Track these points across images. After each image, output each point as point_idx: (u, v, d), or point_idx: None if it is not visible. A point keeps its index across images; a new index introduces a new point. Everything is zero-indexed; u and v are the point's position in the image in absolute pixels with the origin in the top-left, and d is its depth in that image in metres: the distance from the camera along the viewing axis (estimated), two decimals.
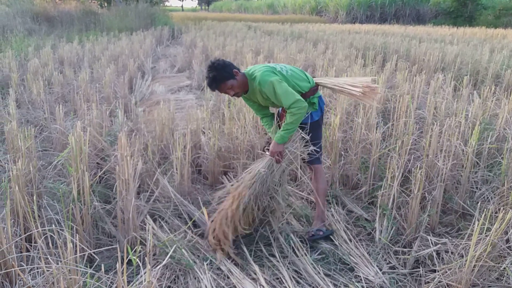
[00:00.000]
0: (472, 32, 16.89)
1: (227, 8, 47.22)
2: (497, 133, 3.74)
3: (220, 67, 2.59)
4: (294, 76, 2.73)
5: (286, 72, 2.70)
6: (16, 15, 13.71)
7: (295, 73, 2.76)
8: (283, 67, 2.75)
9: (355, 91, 2.72)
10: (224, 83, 2.60)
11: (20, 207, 2.37)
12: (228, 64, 2.64)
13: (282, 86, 2.54)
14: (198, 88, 7.31)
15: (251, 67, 2.75)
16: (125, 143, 2.62)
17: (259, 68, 2.69)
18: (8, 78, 6.07)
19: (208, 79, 2.62)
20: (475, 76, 7.27)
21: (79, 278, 1.83)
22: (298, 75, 2.77)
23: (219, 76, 2.58)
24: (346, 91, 2.81)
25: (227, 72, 2.59)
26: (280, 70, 2.69)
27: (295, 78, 2.72)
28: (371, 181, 3.37)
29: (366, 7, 31.10)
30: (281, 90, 2.52)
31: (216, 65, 2.60)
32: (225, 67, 2.60)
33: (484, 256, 2.20)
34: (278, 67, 2.72)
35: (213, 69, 2.59)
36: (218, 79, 2.59)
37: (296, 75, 2.76)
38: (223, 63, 2.62)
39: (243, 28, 18.20)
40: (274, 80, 2.54)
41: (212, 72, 2.58)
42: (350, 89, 2.76)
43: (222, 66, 2.59)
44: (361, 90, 2.70)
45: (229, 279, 2.41)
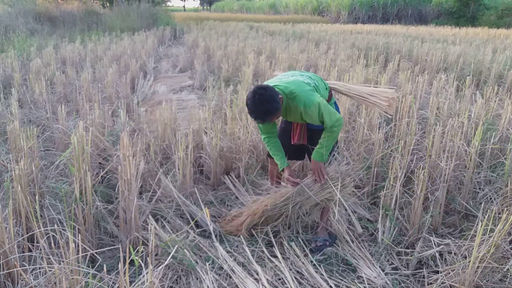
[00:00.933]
0: (475, 32, 16.85)
1: (229, 8, 47.26)
2: (500, 133, 3.72)
3: (271, 98, 2.34)
4: (319, 86, 2.65)
5: (315, 84, 2.60)
6: (18, 15, 13.73)
7: (319, 83, 2.68)
8: (310, 79, 2.62)
9: (381, 105, 2.73)
10: (277, 113, 2.42)
11: (22, 207, 2.37)
12: (275, 91, 2.39)
13: (326, 106, 2.45)
14: (200, 88, 7.31)
15: (283, 82, 2.53)
16: (127, 143, 2.62)
17: (295, 84, 2.50)
18: (11, 78, 6.08)
19: (256, 112, 2.36)
20: (477, 77, 7.25)
21: (81, 278, 1.83)
22: (321, 85, 2.70)
23: (273, 109, 2.35)
24: (368, 101, 2.78)
25: (277, 102, 2.36)
26: (314, 85, 2.58)
27: (320, 88, 2.65)
28: (373, 181, 3.36)
29: (368, 7, 31.06)
30: (326, 111, 2.43)
31: (267, 97, 2.33)
32: (274, 97, 2.34)
33: (488, 257, 2.19)
34: (312, 82, 2.58)
35: (264, 102, 2.34)
36: (272, 112, 2.36)
37: (320, 84, 2.68)
38: (272, 93, 2.36)
39: (245, 28, 18.20)
40: (320, 102, 2.43)
41: (263, 106, 2.33)
42: (375, 102, 2.76)
43: (272, 97, 2.33)
44: (387, 103, 2.70)
45: (231, 279, 2.41)
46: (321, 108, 2.44)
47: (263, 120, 2.41)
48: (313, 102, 2.44)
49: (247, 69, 6.29)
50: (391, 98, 2.74)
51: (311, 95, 2.47)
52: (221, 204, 3.34)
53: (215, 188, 3.58)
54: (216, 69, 8.19)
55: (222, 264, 2.52)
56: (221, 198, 3.41)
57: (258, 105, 2.33)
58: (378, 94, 2.82)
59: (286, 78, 2.60)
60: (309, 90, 2.51)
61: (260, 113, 2.36)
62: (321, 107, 2.44)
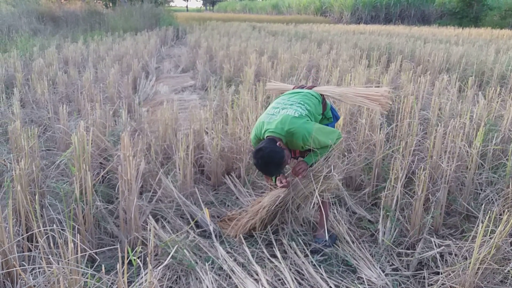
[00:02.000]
0: (478, 32, 16.79)
1: (231, 8, 47.28)
2: (502, 134, 3.71)
3: (272, 154, 2.40)
4: (310, 105, 2.64)
5: (306, 109, 2.58)
6: (21, 15, 13.77)
7: (310, 103, 2.65)
8: (301, 106, 2.60)
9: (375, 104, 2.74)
10: (285, 162, 2.47)
11: (22, 207, 2.37)
12: (272, 145, 2.44)
13: (322, 131, 2.50)
14: (202, 88, 7.31)
15: (276, 122, 2.52)
16: (128, 143, 2.62)
17: (288, 122, 2.49)
18: (13, 77, 6.10)
19: (269, 173, 2.51)
20: (480, 77, 7.22)
21: (80, 278, 1.83)
22: (312, 102, 2.68)
23: (279, 162, 2.42)
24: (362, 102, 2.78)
25: (279, 152, 2.41)
26: (306, 111, 2.57)
27: (312, 108, 2.63)
28: (374, 182, 3.35)
29: (371, 7, 30.99)
30: (323, 137, 2.49)
31: (267, 157, 2.39)
32: (274, 151, 2.40)
33: (488, 258, 2.18)
34: (302, 110, 2.57)
35: (269, 162, 2.41)
36: (280, 164, 2.43)
37: (310, 102, 2.66)
38: (270, 149, 2.41)
39: (247, 28, 18.20)
40: (314, 132, 2.45)
41: (270, 166, 2.42)
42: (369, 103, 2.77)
43: (272, 152, 2.39)
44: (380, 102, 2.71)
45: (231, 279, 2.40)
46: (318, 137, 2.46)
47: (279, 172, 2.54)
48: (310, 133, 2.45)
49: (249, 69, 6.29)
50: (382, 96, 2.72)
51: (307, 128, 2.47)
52: (222, 204, 3.34)
53: (216, 189, 3.58)
54: (218, 69, 8.19)
55: (222, 264, 2.51)
56: (221, 199, 3.41)
57: (266, 167, 2.45)
58: (367, 94, 2.81)
59: (276, 116, 2.56)
60: (303, 121, 2.50)
61: (272, 171, 2.50)
62: (318, 137, 2.46)
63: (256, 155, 2.42)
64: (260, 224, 2.81)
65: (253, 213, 2.85)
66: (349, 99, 2.88)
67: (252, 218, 2.82)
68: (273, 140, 2.47)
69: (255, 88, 4.91)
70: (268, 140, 2.49)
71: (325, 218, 2.80)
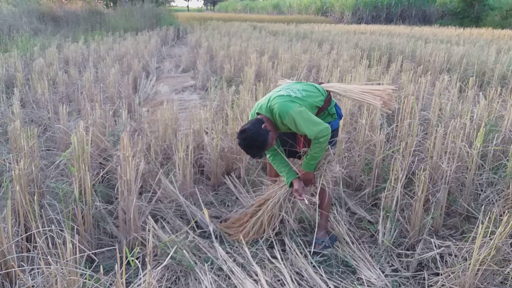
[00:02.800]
0: (479, 33, 16.76)
1: (232, 8, 47.26)
2: (502, 134, 3.70)
3: (254, 137, 2.42)
4: (309, 95, 2.59)
5: (301, 95, 2.54)
6: (22, 14, 13.78)
7: (309, 91, 2.62)
8: (295, 90, 2.58)
9: (377, 101, 2.67)
10: (268, 145, 2.47)
11: (21, 207, 2.37)
12: (255, 127, 2.44)
13: (303, 116, 2.41)
14: (202, 88, 7.31)
15: (266, 99, 2.57)
16: (128, 144, 2.62)
17: (274, 97, 2.52)
18: (13, 77, 6.10)
19: (251, 154, 2.51)
20: (481, 77, 7.21)
21: (78, 279, 1.83)
22: (312, 92, 2.63)
23: (260, 144, 2.43)
24: (366, 100, 2.73)
25: (262, 135, 2.42)
26: (296, 95, 2.52)
27: (310, 97, 2.58)
28: (374, 182, 3.34)
29: (372, 7, 30.97)
30: (303, 121, 2.40)
31: (249, 140, 2.42)
32: (256, 134, 2.41)
33: (488, 259, 2.18)
34: (292, 93, 2.54)
35: (250, 145, 2.44)
36: (261, 147, 2.44)
37: (310, 92, 2.62)
38: (252, 131, 2.42)
39: (248, 28, 18.19)
40: (293, 112, 2.40)
41: (251, 148, 2.45)
42: (370, 101, 2.71)
43: (254, 135, 2.41)
44: (381, 101, 2.65)
45: (230, 280, 2.40)
46: (295, 118, 2.40)
47: (261, 155, 2.55)
48: (287, 112, 2.41)
49: (249, 69, 6.28)
50: (386, 93, 2.70)
51: (286, 106, 2.43)
52: (222, 204, 3.33)
53: (216, 189, 3.58)
54: (219, 69, 8.19)
55: (221, 265, 2.51)
56: (221, 199, 3.41)
57: (248, 149, 2.48)
58: (372, 92, 2.76)
59: (271, 96, 2.58)
60: (285, 101, 2.46)
61: (254, 153, 2.51)
62: (296, 117, 2.40)
63: (239, 136, 2.46)
64: (262, 227, 2.81)
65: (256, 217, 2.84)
66: (353, 95, 2.83)
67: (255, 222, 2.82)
68: (260, 121, 2.48)
69: (256, 88, 4.90)
70: (255, 120, 2.50)
71: (325, 219, 2.80)
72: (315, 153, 2.52)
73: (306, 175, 2.64)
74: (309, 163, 2.59)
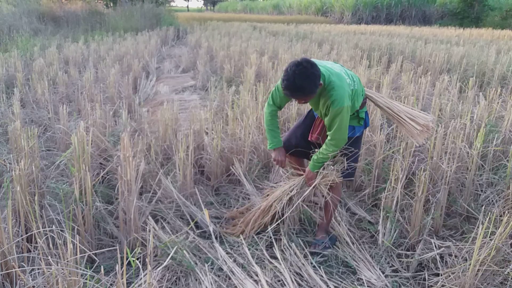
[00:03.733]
0: (479, 33, 16.78)
1: (232, 8, 47.30)
2: (502, 135, 3.70)
3: (313, 78, 2.24)
4: (357, 93, 2.54)
5: (354, 88, 2.49)
6: (22, 15, 13.77)
7: (358, 90, 2.56)
8: (352, 81, 2.50)
9: (413, 129, 2.60)
10: (310, 96, 2.33)
11: (21, 207, 2.37)
12: (319, 74, 2.28)
13: (344, 119, 2.38)
14: (202, 89, 7.31)
15: (331, 69, 2.43)
16: (128, 144, 2.62)
17: (339, 78, 2.40)
18: (13, 77, 6.10)
19: (290, 84, 2.24)
20: (481, 78, 7.22)
21: (79, 280, 1.83)
22: (360, 89, 2.58)
23: (308, 89, 2.25)
24: (402, 122, 2.66)
25: (316, 86, 2.27)
26: (352, 88, 2.47)
27: (357, 96, 2.53)
28: (374, 183, 3.34)
29: (372, 7, 30.98)
30: (341, 122, 2.38)
31: (309, 74, 2.22)
32: (316, 78, 2.24)
33: (488, 260, 2.18)
34: (351, 82, 2.47)
35: (304, 78, 2.23)
36: (305, 92, 2.27)
37: (359, 92, 2.56)
38: (316, 73, 2.25)
39: (248, 28, 18.20)
40: (344, 110, 2.35)
41: (301, 81, 2.22)
42: (409, 124, 2.62)
43: (314, 77, 2.23)
44: (421, 129, 2.57)
45: (231, 280, 2.40)
46: (340, 116, 2.37)
47: (292, 95, 2.32)
48: (340, 104, 2.34)
49: (249, 69, 6.29)
50: (425, 125, 2.59)
51: (345, 99, 2.36)
52: (222, 205, 3.33)
53: (216, 189, 3.58)
54: (219, 70, 8.19)
55: (221, 265, 2.51)
56: (221, 199, 3.41)
57: (297, 78, 2.21)
58: (415, 117, 2.66)
59: (333, 69, 2.48)
60: (347, 92, 2.40)
61: (293, 87, 2.25)
62: (340, 116, 2.37)
63: (302, 62, 2.23)
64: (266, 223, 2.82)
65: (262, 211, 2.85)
66: (392, 112, 2.72)
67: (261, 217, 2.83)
68: (320, 76, 2.30)
69: (256, 88, 4.91)
70: (319, 70, 2.30)
71: (327, 221, 2.80)
72: (324, 155, 2.53)
73: (309, 174, 2.67)
74: (315, 164, 2.59)
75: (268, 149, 2.80)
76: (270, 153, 2.68)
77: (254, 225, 2.84)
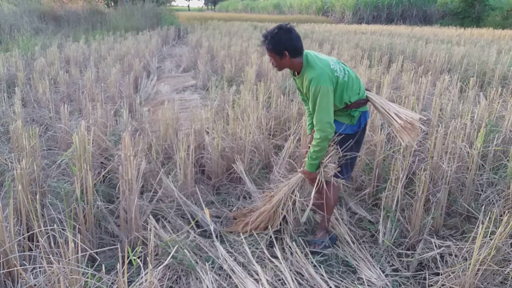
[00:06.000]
0: (480, 33, 16.77)
1: (233, 8, 47.27)
2: (503, 135, 3.71)
3: (280, 39, 2.45)
4: (348, 85, 2.54)
5: (342, 78, 2.51)
6: (23, 14, 13.79)
7: (350, 83, 2.56)
8: (342, 72, 2.54)
9: (395, 122, 2.59)
10: (271, 52, 2.51)
11: (23, 206, 2.38)
12: (284, 40, 2.46)
13: (324, 100, 2.40)
14: (203, 88, 7.32)
15: (318, 55, 2.56)
16: (129, 143, 2.62)
17: (323, 62, 2.49)
18: (15, 77, 6.11)
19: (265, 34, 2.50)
20: (481, 78, 7.22)
21: (80, 278, 1.84)
22: (352, 85, 2.58)
23: (272, 45, 2.46)
24: (387, 117, 2.67)
25: (280, 48, 2.45)
26: (337, 75, 2.50)
27: (346, 88, 2.53)
28: (375, 182, 3.35)
29: (372, 7, 30.98)
30: (321, 102, 2.40)
31: (280, 35, 2.45)
32: (282, 43, 2.44)
33: (488, 259, 2.18)
34: (339, 71, 2.52)
35: (272, 38, 2.46)
36: (270, 45, 2.47)
37: (350, 85, 2.56)
38: (285, 38, 2.45)
39: (248, 28, 18.19)
40: (322, 89, 2.39)
41: (270, 37, 2.46)
42: (392, 117, 2.63)
43: (281, 41, 2.44)
44: (402, 123, 2.56)
45: (231, 279, 2.41)
46: (319, 95, 2.39)
47: (262, 42, 2.53)
48: (317, 83, 2.40)
49: (250, 69, 6.29)
50: (409, 121, 2.57)
51: (323, 79, 2.41)
52: (222, 204, 3.34)
53: (216, 188, 3.58)
54: (219, 69, 8.19)
55: (222, 264, 2.52)
56: (222, 199, 3.42)
57: (271, 32, 2.46)
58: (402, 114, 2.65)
59: (323, 57, 2.57)
60: (327, 73, 2.43)
61: (266, 39, 2.48)
62: (319, 96, 2.39)
63: (284, 27, 2.47)
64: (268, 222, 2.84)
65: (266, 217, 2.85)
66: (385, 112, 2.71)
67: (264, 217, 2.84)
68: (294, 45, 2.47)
69: (256, 88, 4.91)
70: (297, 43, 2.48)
71: (326, 219, 2.80)
72: (314, 147, 2.49)
73: (306, 173, 2.65)
74: (309, 161, 2.57)
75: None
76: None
77: (257, 228, 2.85)
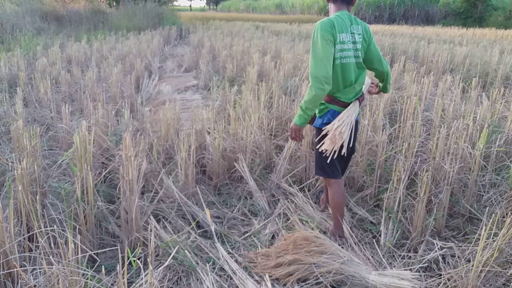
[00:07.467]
0: (482, 33, 16.73)
1: (235, 8, 47.32)
2: (505, 136, 3.68)
3: None
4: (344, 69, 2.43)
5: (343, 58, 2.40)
6: (25, 14, 13.80)
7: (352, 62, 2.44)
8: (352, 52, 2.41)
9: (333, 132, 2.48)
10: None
11: (23, 206, 2.37)
12: None
13: (315, 46, 2.31)
14: (204, 88, 7.31)
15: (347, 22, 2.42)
16: (130, 143, 2.62)
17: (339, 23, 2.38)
18: (16, 76, 6.12)
19: None
20: (484, 78, 7.19)
21: (80, 279, 1.83)
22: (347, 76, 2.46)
23: None
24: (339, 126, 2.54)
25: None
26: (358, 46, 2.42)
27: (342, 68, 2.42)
28: (376, 183, 3.33)
29: (374, 7, 30.94)
30: (314, 49, 2.32)
31: None
32: None
33: (491, 261, 2.17)
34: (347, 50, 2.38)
35: None
36: None
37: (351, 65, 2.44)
38: None
39: (250, 28, 18.19)
40: (316, 31, 2.32)
41: None
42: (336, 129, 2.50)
43: None
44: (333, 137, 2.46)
45: (232, 280, 2.40)
46: (314, 41, 2.34)
47: None
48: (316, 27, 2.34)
49: (252, 69, 6.28)
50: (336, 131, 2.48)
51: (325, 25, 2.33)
52: (223, 205, 3.33)
53: (218, 189, 3.57)
54: (221, 69, 8.18)
55: (223, 265, 2.51)
56: (223, 199, 3.41)
57: None
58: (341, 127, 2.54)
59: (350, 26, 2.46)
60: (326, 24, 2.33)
61: None
62: (315, 40, 2.33)
63: None
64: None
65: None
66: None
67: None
68: None
69: (258, 88, 4.90)
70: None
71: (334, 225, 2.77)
72: (305, 99, 2.38)
73: (291, 125, 2.53)
74: (299, 113, 2.45)
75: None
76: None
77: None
